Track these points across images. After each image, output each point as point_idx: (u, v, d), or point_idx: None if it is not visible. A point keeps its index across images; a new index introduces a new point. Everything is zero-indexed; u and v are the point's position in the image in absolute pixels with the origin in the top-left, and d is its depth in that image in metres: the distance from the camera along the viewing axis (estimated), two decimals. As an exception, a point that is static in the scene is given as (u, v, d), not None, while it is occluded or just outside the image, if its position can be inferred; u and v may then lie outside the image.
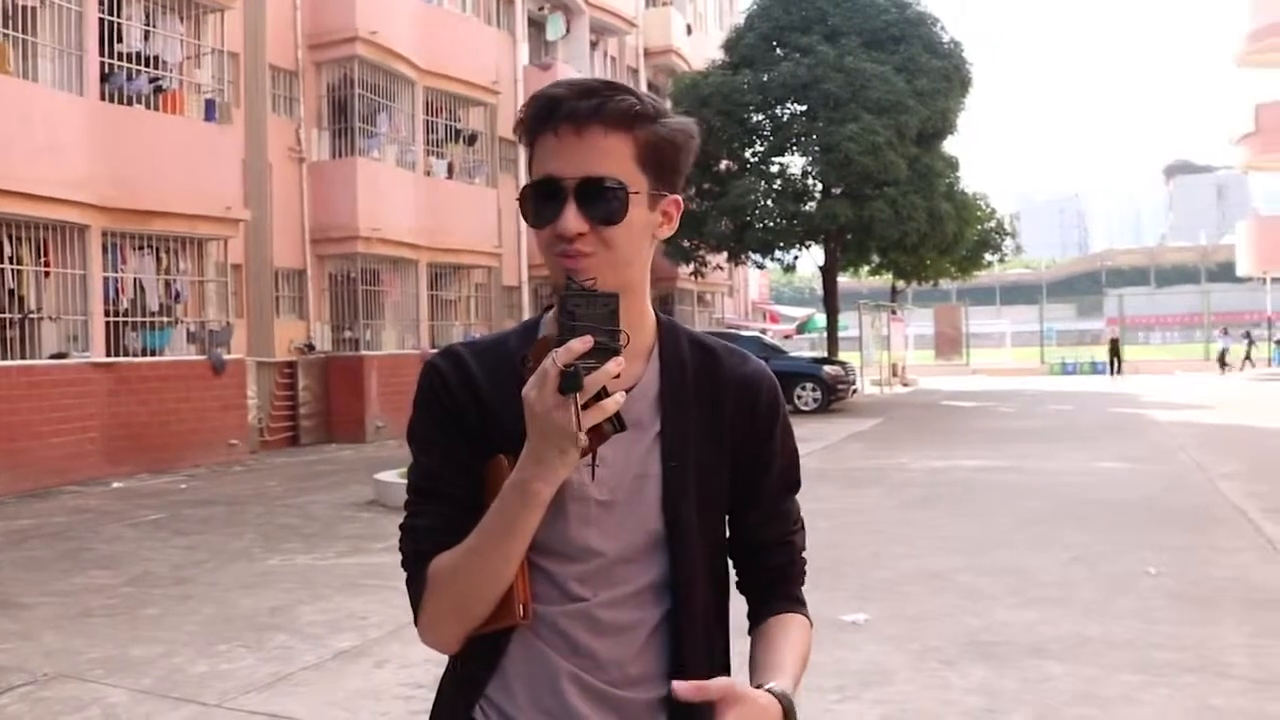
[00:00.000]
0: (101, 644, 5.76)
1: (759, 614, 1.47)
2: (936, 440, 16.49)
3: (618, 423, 1.17)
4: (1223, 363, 38.54)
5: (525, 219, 1.34)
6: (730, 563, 1.48)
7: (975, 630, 5.76)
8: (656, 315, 1.43)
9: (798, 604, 1.48)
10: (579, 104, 1.27)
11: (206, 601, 6.72)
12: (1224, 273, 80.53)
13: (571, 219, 1.27)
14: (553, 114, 1.28)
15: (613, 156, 1.29)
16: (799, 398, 22.65)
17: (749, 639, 1.46)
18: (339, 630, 5.97)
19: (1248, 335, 40.88)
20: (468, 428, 1.36)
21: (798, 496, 1.52)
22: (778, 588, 1.48)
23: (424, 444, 1.39)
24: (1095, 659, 5.19)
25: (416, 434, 1.40)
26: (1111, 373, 36.97)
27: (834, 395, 23.03)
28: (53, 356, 13.00)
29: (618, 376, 1.14)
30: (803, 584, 1.51)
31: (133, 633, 5.99)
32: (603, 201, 1.28)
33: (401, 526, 1.38)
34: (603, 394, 1.14)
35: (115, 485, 12.54)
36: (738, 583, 1.50)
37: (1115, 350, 37.90)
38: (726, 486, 1.42)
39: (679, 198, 1.37)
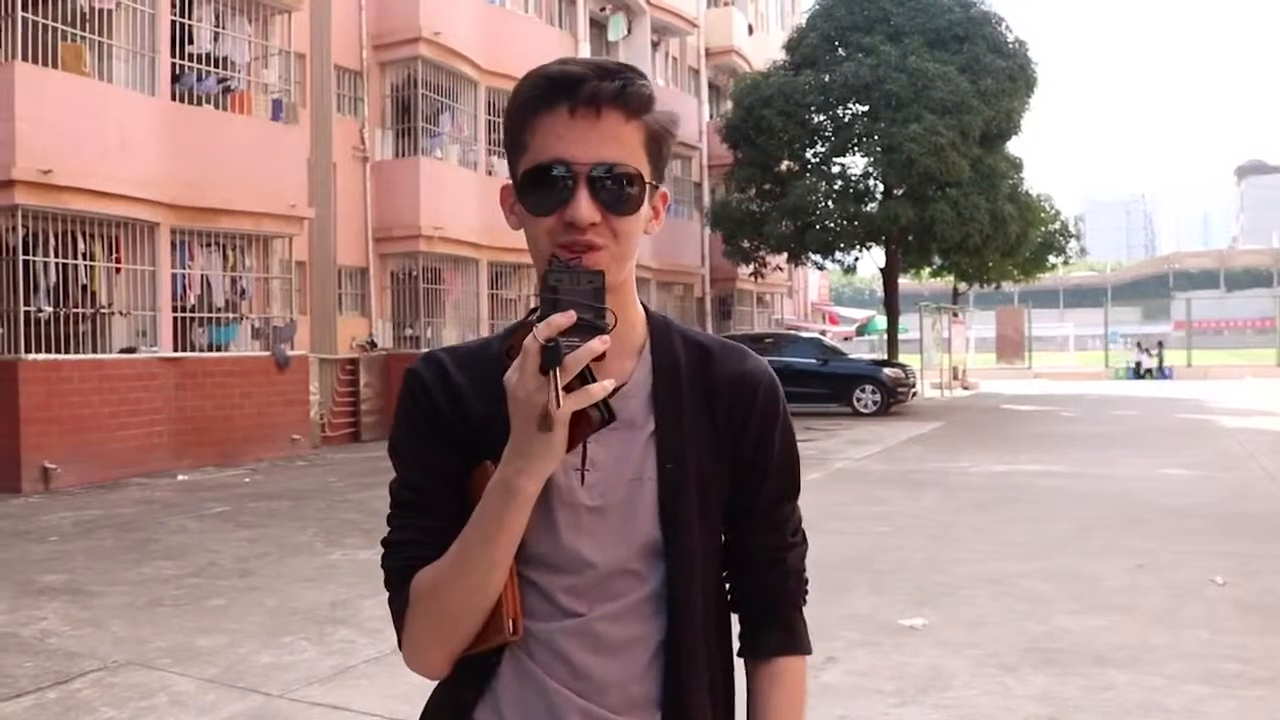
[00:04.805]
0: (169, 633, 5.88)
1: (752, 644, 1.38)
2: (997, 444, 16.29)
3: (606, 411, 1.08)
4: (1139, 374, 38.95)
5: (523, 206, 1.23)
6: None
7: (1036, 636, 5.69)
8: (647, 311, 1.34)
9: (791, 634, 1.37)
10: (602, 84, 1.18)
11: (270, 594, 6.83)
12: (1297, 276, 78.70)
13: (585, 206, 1.17)
14: (571, 93, 1.18)
15: (628, 143, 1.20)
16: (859, 400, 22.55)
17: (743, 665, 1.39)
18: (399, 624, 6.03)
19: (1160, 344, 40.93)
20: (451, 436, 1.27)
21: (800, 504, 1.41)
22: (772, 613, 1.37)
23: (404, 454, 1.30)
24: (1160, 668, 5.10)
25: (397, 444, 1.31)
26: None
27: (894, 398, 22.85)
28: (122, 351, 13.31)
29: (602, 356, 1.06)
30: (802, 605, 1.39)
31: (199, 623, 6.11)
32: (618, 189, 1.19)
33: (383, 542, 1.29)
34: (589, 378, 1.06)
35: (181, 478, 12.78)
36: (730, 601, 1.38)
37: None
38: (725, 493, 1.32)
39: (665, 191, 1.30)
